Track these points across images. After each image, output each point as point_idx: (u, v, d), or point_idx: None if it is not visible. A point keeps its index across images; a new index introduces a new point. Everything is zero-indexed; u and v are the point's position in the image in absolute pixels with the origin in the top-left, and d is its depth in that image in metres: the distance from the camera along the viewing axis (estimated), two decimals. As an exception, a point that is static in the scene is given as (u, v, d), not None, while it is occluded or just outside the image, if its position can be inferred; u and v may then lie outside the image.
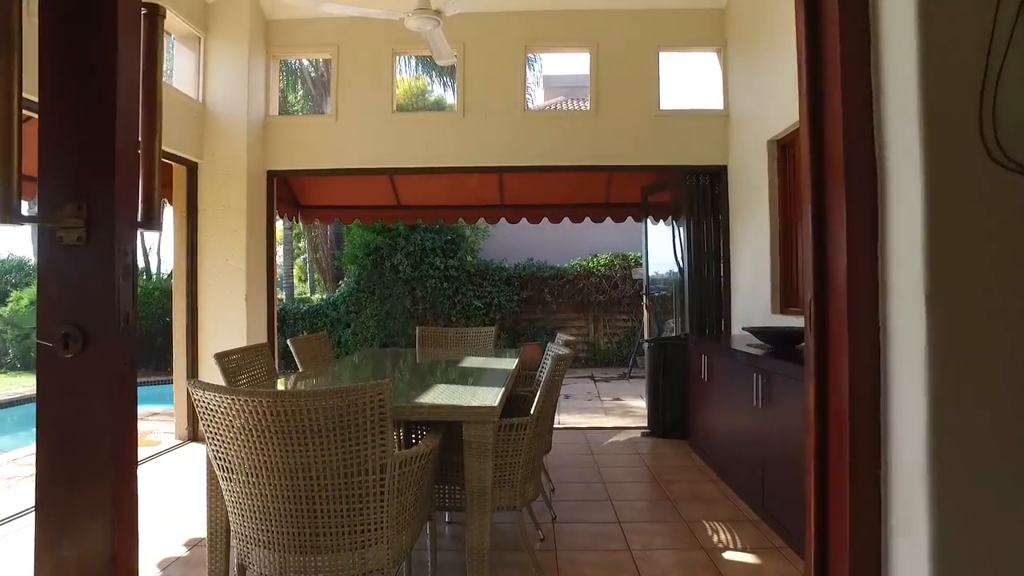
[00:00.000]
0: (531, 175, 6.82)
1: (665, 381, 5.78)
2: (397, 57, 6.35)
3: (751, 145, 5.47)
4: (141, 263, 17.37)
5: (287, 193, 7.49)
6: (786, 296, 5.03)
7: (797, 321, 4.49)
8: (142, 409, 8.57)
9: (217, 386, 2.04)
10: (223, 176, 5.69)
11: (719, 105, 6.18)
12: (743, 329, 4.42)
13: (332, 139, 6.18)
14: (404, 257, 11.92)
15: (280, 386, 3.30)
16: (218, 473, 2.20)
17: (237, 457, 2.11)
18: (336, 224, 15.20)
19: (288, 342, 4.05)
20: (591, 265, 12.38)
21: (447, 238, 12.16)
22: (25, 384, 11.55)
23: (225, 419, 2.06)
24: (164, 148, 4.49)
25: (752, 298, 5.49)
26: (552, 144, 6.15)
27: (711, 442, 4.85)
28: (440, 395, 2.78)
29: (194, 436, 5.71)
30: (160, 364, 11.63)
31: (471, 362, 4.18)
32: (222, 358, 3.06)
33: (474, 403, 2.54)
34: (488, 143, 6.15)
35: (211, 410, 2.07)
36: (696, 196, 6.16)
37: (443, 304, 12.07)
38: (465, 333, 5.28)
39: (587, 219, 8.01)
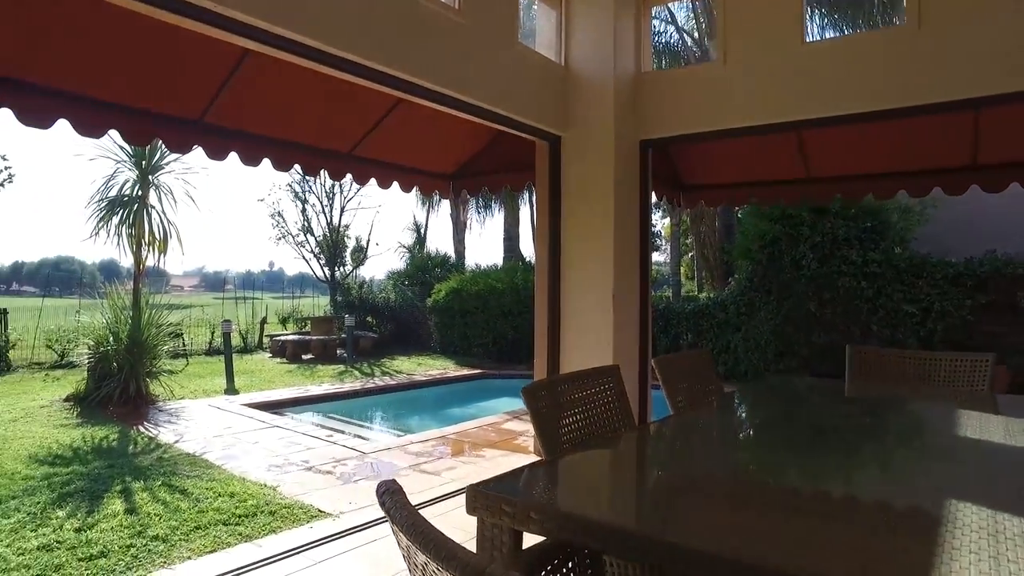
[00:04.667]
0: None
1: None
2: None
3: None
4: (529, 252, 18.35)
5: (666, 169, 6.29)
6: None
7: None
8: (520, 406, 8.39)
9: (415, 520, 0.85)
10: (588, 151, 4.75)
11: None
12: None
13: (719, 91, 4.74)
14: (808, 249, 9.85)
15: (629, 445, 2.04)
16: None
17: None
18: (724, 213, 13.67)
19: (653, 363, 2.80)
20: (1097, 258, 8.55)
21: (866, 225, 9.69)
22: (441, 368, 12.77)
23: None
24: (523, 120, 3.54)
25: None
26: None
27: None
28: None
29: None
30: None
31: (963, 424, 2.33)
32: (535, 394, 1.88)
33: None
34: (956, 63, 3.97)
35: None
36: None
37: (859, 308, 9.61)
38: (930, 362, 3.26)
39: None
